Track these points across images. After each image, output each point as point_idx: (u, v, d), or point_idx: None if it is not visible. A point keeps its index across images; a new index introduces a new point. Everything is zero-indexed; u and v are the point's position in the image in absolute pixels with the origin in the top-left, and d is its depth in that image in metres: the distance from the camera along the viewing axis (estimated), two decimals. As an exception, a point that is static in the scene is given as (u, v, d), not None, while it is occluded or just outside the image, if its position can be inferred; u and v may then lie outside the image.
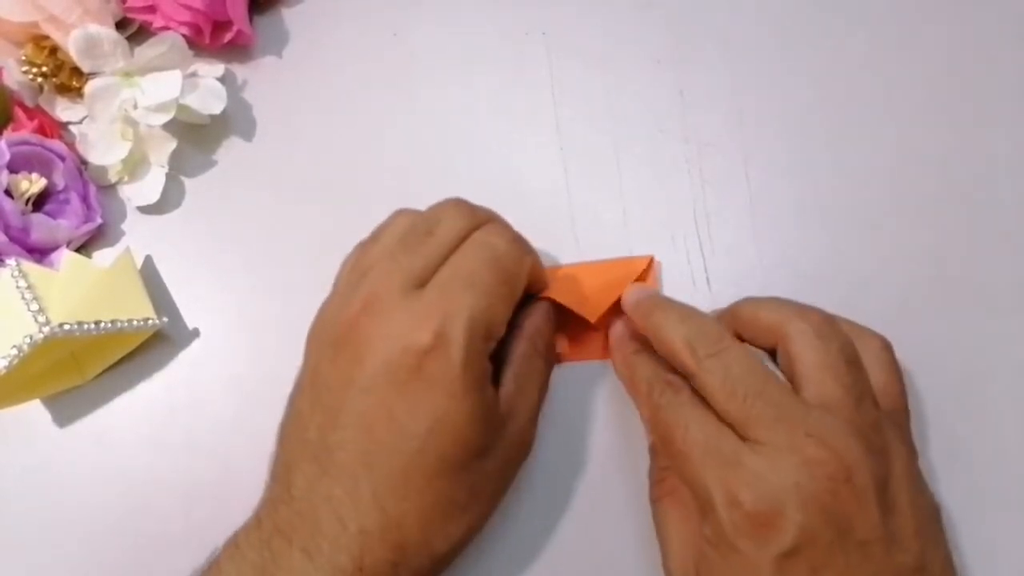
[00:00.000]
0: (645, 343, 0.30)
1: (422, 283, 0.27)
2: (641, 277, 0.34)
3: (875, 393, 0.27)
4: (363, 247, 0.31)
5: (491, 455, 0.27)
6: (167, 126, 0.35)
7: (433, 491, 0.26)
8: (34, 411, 0.34)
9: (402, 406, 0.25)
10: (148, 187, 0.37)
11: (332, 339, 0.27)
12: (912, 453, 0.27)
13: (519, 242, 0.30)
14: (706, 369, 0.27)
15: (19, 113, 0.36)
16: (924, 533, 0.25)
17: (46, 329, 0.30)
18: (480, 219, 0.30)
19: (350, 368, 0.26)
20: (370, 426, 0.26)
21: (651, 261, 0.34)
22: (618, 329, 0.32)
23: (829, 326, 0.27)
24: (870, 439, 0.25)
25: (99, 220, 0.36)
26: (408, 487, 0.25)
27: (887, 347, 0.29)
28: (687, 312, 0.29)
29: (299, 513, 0.26)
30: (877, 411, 0.26)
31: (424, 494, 0.26)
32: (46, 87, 0.37)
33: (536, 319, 0.31)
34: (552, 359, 0.32)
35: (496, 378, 0.28)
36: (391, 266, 0.28)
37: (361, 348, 0.26)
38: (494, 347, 0.28)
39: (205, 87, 0.37)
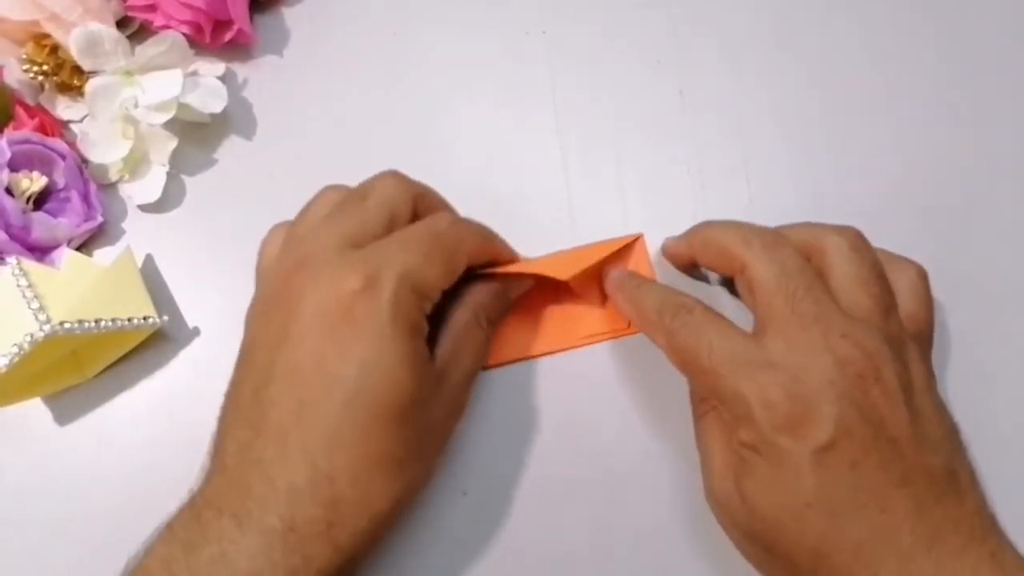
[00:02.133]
0: (646, 280, 0.32)
1: (358, 245, 0.27)
2: (627, 250, 0.34)
3: (902, 317, 0.28)
4: (294, 222, 0.30)
5: (425, 411, 0.27)
6: (168, 125, 0.35)
7: (365, 443, 0.25)
8: (34, 410, 0.34)
9: (332, 351, 0.25)
10: (149, 186, 0.36)
11: (265, 299, 0.28)
12: (932, 376, 0.28)
13: (460, 223, 0.30)
14: (762, 259, 0.28)
15: (20, 111, 0.36)
16: (951, 442, 0.26)
17: (47, 327, 0.30)
18: (415, 188, 0.30)
19: (283, 323, 0.26)
20: (302, 376, 0.25)
21: (640, 238, 0.34)
22: (616, 273, 0.32)
23: (863, 242, 0.29)
24: (897, 348, 0.26)
25: (100, 219, 0.36)
26: (339, 439, 0.25)
27: (923, 276, 0.30)
28: (738, 221, 0.30)
29: (231, 482, 0.25)
30: (903, 329, 0.28)
31: (356, 446, 0.25)
32: (47, 85, 0.37)
33: (480, 292, 0.31)
34: (491, 334, 0.32)
35: (435, 344, 0.29)
36: (327, 229, 0.28)
37: (293, 302, 0.26)
38: (429, 308, 0.28)
39: (206, 86, 0.37)
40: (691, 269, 0.34)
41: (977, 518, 0.26)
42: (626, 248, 0.34)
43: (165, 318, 0.34)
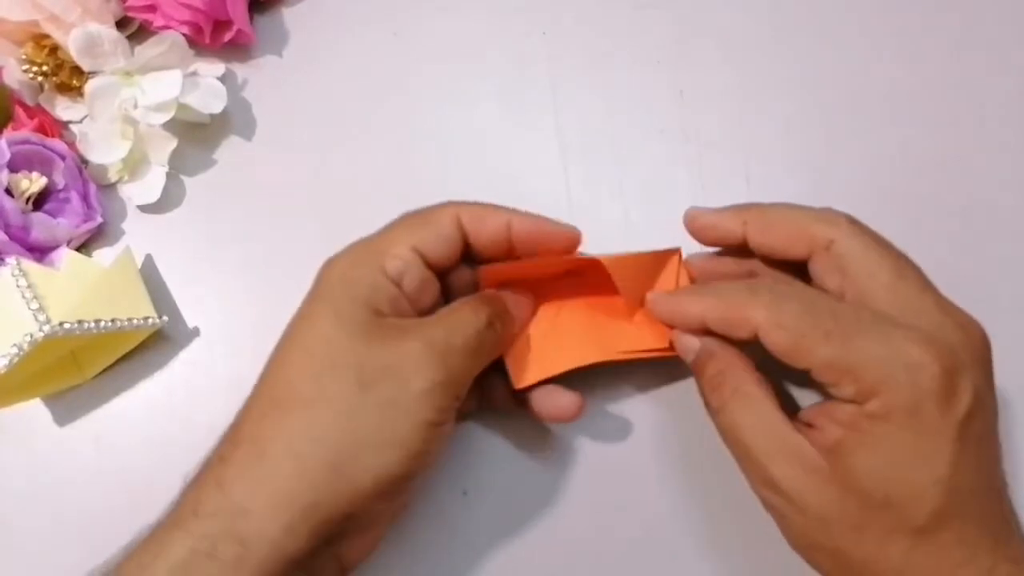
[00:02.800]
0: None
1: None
2: (662, 260, 0.31)
3: None
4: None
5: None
6: (167, 125, 0.35)
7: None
8: (34, 410, 0.34)
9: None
10: (148, 186, 0.36)
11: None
12: None
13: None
14: (855, 234, 0.27)
15: (19, 112, 0.36)
16: None
17: (46, 328, 0.30)
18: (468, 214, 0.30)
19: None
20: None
21: (678, 255, 0.31)
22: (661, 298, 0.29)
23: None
24: None
25: (99, 219, 0.36)
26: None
27: None
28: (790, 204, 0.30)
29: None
30: None
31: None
32: (46, 86, 0.37)
33: (510, 302, 0.30)
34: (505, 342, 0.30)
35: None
36: None
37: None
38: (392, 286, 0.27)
39: (205, 86, 0.37)
40: (722, 245, 0.31)
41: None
42: (662, 258, 0.31)
43: (165, 318, 0.34)
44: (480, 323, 0.27)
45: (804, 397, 0.31)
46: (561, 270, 0.31)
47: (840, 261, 0.26)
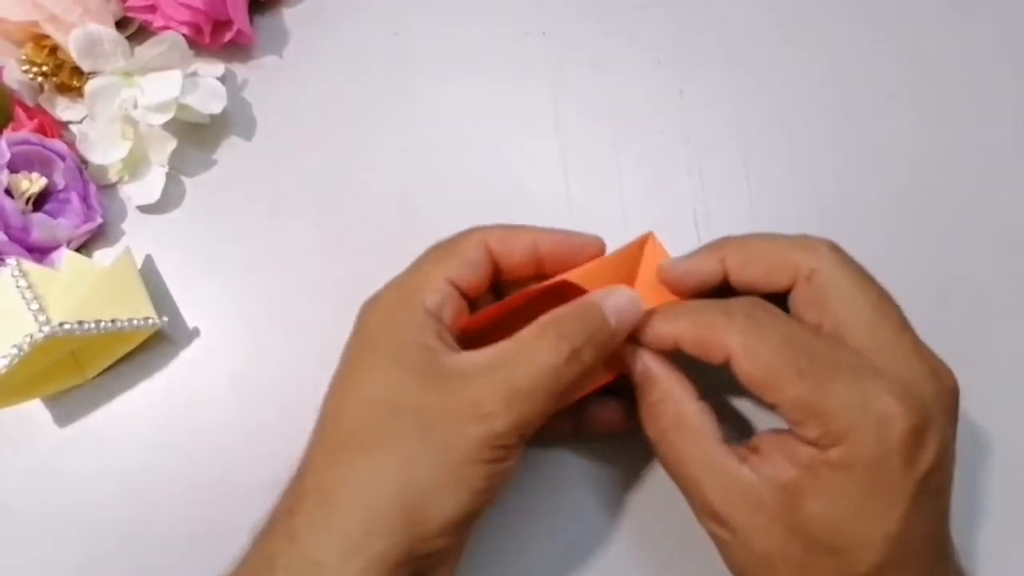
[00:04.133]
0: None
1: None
2: (639, 250, 0.30)
3: None
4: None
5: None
6: (167, 125, 0.35)
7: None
8: (34, 411, 0.34)
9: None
10: (148, 186, 0.36)
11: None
12: None
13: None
14: (836, 263, 0.26)
15: (19, 112, 0.36)
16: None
17: (46, 328, 0.30)
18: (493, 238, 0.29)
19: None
20: None
21: (651, 238, 0.30)
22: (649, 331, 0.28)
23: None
24: None
25: (99, 219, 0.36)
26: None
27: None
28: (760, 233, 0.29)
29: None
30: None
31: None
32: (46, 86, 0.37)
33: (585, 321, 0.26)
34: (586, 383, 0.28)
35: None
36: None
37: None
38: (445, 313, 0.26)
39: (205, 87, 0.37)
40: (706, 291, 0.28)
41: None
42: (638, 248, 0.30)
43: (165, 319, 0.34)
44: (557, 359, 0.24)
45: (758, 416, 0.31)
46: (536, 295, 0.29)
47: (821, 291, 0.25)
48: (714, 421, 0.26)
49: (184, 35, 0.36)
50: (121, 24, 0.38)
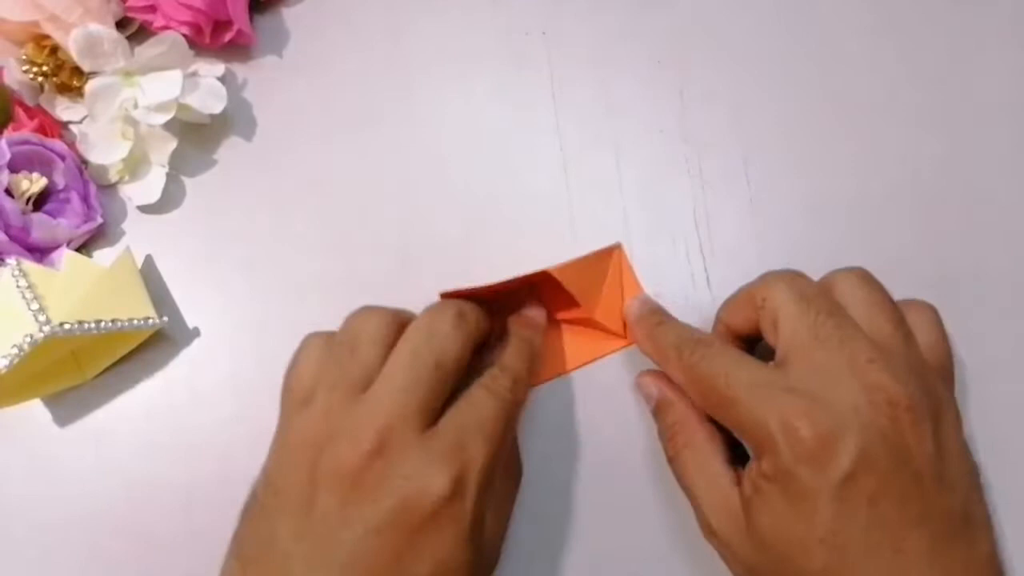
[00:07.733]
0: (665, 315, 0.32)
1: (363, 389, 0.26)
2: (607, 258, 0.34)
3: (922, 348, 0.27)
4: (289, 374, 0.29)
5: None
6: (167, 125, 0.35)
7: None
8: (34, 411, 0.34)
9: (409, 550, 0.24)
10: (148, 186, 0.36)
11: (338, 472, 0.25)
12: (958, 411, 0.27)
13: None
14: (780, 287, 0.27)
15: (19, 112, 0.36)
16: (971, 483, 0.26)
17: (46, 328, 0.30)
18: (398, 319, 0.29)
19: (359, 507, 0.25)
20: (372, 567, 0.24)
21: (618, 249, 0.34)
22: (635, 307, 0.32)
23: (871, 275, 0.29)
24: (923, 377, 0.26)
25: (99, 219, 0.36)
26: None
27: (936, 312, 0.29)
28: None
29: None
30: (924, 359, 0.27)
31: None
32: (46, 86, 0.37)
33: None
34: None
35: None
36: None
37: (376, 490, 0.25)
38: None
39: (205, 87, 0.37)
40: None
41: (988, 566, 0.25)
42: (607, 255, 0.34)
43: (165, 319, 0.34)
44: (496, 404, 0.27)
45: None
46: (515, 286, 0.31)
47: (772, 317, 0.27)
48: (721, 442, 0.28)
49: (184, 35, 0.36)
50: (121, 24, 0.38)
